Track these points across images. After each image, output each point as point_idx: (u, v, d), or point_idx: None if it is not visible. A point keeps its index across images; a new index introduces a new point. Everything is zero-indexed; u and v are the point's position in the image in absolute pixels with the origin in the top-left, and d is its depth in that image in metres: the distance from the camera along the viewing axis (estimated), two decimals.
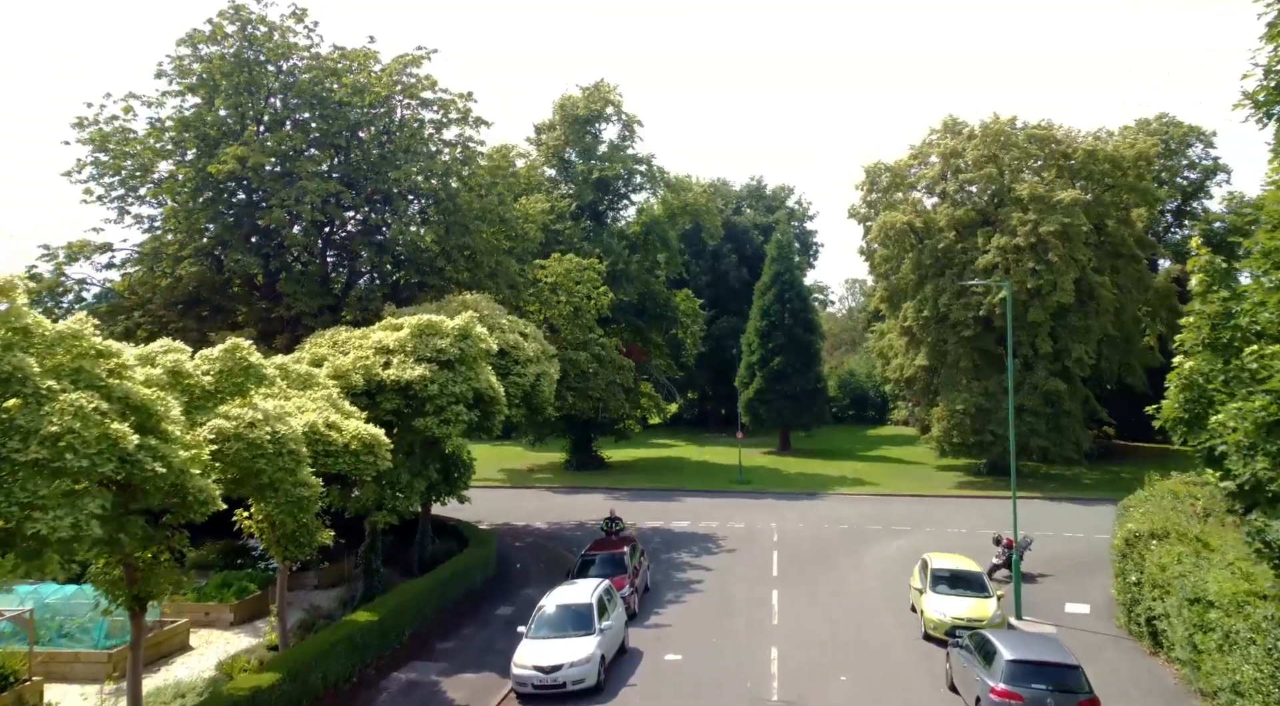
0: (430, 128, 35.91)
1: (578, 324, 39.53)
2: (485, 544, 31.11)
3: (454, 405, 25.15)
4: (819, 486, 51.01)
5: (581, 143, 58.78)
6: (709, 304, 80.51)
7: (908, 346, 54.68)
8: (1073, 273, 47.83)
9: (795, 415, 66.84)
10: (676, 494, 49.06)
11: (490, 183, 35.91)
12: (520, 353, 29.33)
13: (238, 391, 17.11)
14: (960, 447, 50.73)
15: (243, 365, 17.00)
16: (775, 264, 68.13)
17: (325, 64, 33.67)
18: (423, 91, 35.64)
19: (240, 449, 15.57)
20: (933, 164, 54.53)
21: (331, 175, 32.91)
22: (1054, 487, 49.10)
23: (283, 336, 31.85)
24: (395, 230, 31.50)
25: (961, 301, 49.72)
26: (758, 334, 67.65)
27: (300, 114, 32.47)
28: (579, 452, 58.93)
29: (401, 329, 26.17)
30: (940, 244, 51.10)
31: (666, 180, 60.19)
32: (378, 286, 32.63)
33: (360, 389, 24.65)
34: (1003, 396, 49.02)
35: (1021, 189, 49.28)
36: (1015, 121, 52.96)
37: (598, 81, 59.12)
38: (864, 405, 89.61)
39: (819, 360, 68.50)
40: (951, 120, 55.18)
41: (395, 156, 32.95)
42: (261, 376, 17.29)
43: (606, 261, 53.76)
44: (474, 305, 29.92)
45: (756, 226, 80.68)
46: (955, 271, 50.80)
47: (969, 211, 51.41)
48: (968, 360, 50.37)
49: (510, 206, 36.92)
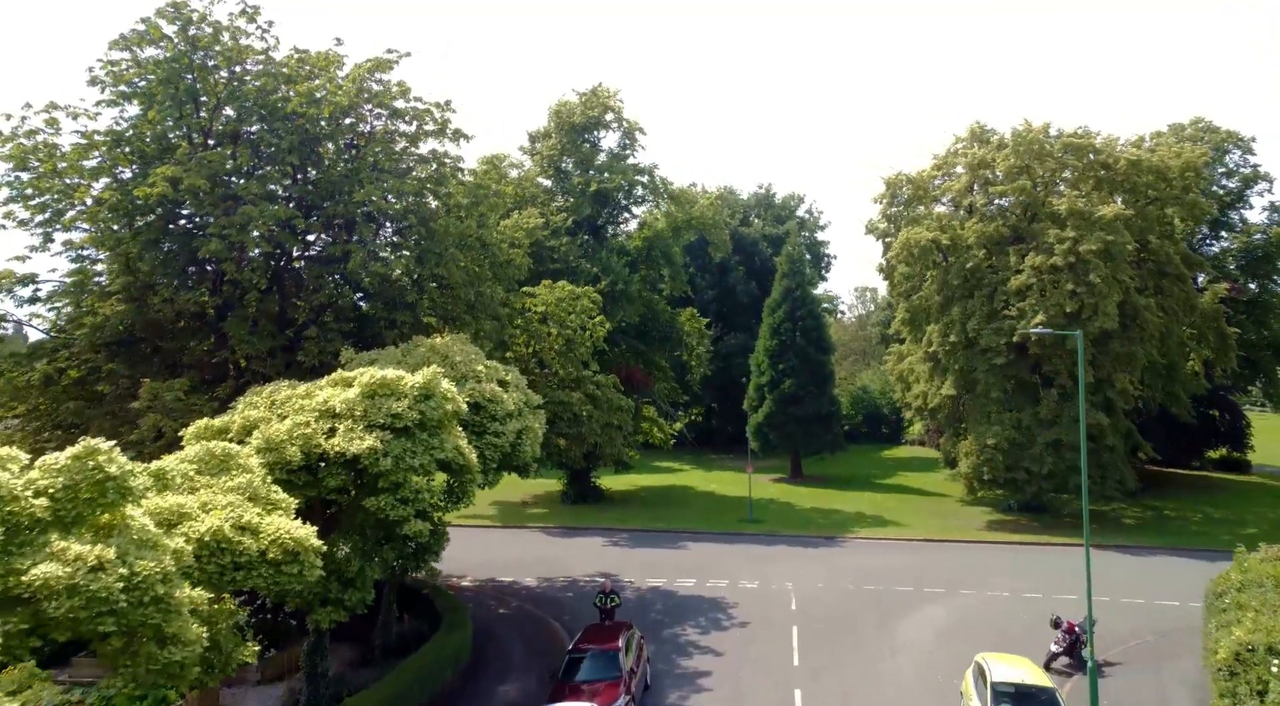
0: (402, 141, 31.39)
1: (570, 358, 35.00)
2: (460, 626, 26.52)
3: (413, 480, 20.62)
4: (836, 527, 46.33)
5: (579, 152, 54.24)
6: (716, 319, 76.04)
7: (932, 373, 50.00)
8: (1116, 295, 43.13)
9: (807, 440, 62.29)
10: (681, 538, 44.43)
11: (471, 203, 31.39)
12: (498, 406, 24.77)
13: (96, 507, 12.61)
14: (991, 485, 46.00)
15: (96, 477, 12.47)
16: (786, 279, 63.59)
17: (278, 70, 29.16)
18: (393, 100, 31.11)
19: (74, 606, 11.08)
20: (959, 175, 49.84)
21: (285, 197, 28.43)
22: (1094, 529, 44.35)
23: (227, 384, 27.35)
24: (357, 260, 26.97)
25: (992, 326, 45.01)
26: (767, 354, 63.10)
27: (248, 127, 27.96)
28: (576, 483, 54.37)
29: (352, 387, 21.66)
30: (968, 263, 46.41)
31: (670, 192, 55.60)
32: (338, 325, 28.13)
33: (298, 464, 20.12)
34: (1038, 429, 44.49)
35: (1059, 203, 44.58)
36: (1049, 129, 48.26)
37: (595, 86, 54.60)
38: (878, 423, 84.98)
39: (832, 381, 63.89)
40: (979, 128, 50.50)
41: (360, 175, 28.43)
42: (126, 490, 12.75)
43: (605, 280, 49.31)
44: (444, 350, 25.40)
45: (765, 238, 76.04)
46: (985, 293, 46.11)
47: (1000, 227, 46.69)
48: (999, 389, 45.66)
49: (493, 230, 32.39)
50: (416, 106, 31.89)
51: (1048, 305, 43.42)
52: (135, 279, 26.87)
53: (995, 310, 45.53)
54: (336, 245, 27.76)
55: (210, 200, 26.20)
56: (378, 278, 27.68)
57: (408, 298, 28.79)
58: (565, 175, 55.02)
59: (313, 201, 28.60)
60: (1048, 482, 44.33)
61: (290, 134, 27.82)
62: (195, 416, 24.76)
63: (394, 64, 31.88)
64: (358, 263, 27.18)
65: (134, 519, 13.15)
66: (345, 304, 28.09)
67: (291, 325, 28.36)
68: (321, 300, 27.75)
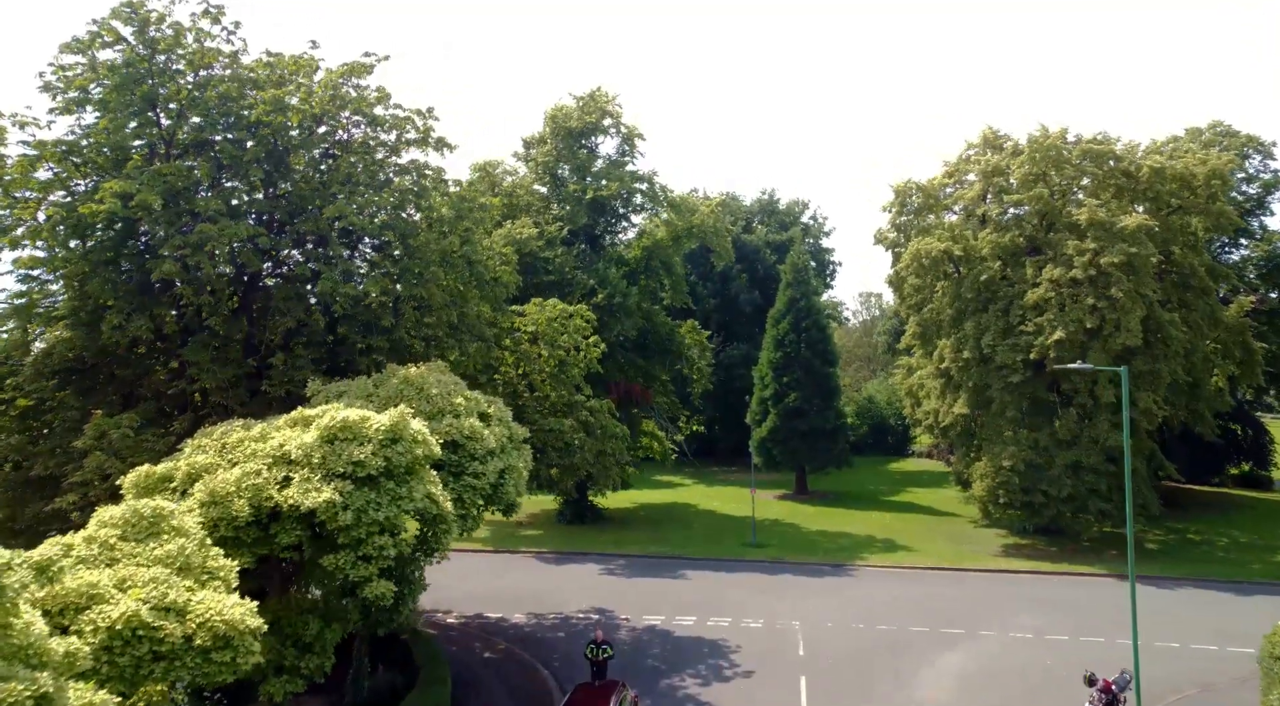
0: (381, 151, 29.05)
1: (562, 381, 32.65)
2: (439, 680, 24.17)
3: (377, 536, 18.29)
4: (844, 553, 43.92)
5: (576, 158, 51.87)
6: (718, 329, 73.71)
7: (944, 389, 47.58)
8: (1139, 310, 40.69)
9: (812, 456, 59.89)
10: (680, 565, 42.04)
11: (455, 217, 29.04)
12: (478, 445, 22.42)
13: None
14: (1007, 509, 43.54)
15: None
16: (790, 289, 61.21)
17: (244, 74, 26.84)
18: (371, 107, 28.77)
19: None
20: (971, 183, 47.45)
21: (251, 213, 26.11)
22: (1116, 557, 41.95)
23: (186, 416, 25.07)
24: (328, 281, 24.64)
25: (1009, 342, 42.59)
26: (771, 366, 60.71)
27: (210, 137, 25.61)
28: (573, 503, 51.99)
29: (312, 428, 19.34)
30: (982, 275, 43.99)
31: (670, 200, 53.20)
32: (309, 351, 25.81)
33: (246, 519, 17.80)
34: (1056, 450, 42.09)
35: (1079, 213, 42.13)
36: (1066, 134, 45.85)
37: (593, 90, 52.23)
38: (884, 434, 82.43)
39: (838, 395, 61.44)
40: (991, 134, 48.10)
41: (333, 188, 26.11)
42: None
43: (602, 293, 47.00)
44: (418, 382, 23.06)
45: (769, 245, 73.62)
46: (1000, 306, 43.70)
47: (1015, 238, 44.26)
48: (1015, 408, 43.24)
49: (479, 246, 30.03)
50: (396, 114, 29.58)
51: (1067, 321, 41.03)
52: (85, 303, 24.55)
53: (1011, 325, 43.14)
54: (306, 265, 25.42)
55: (166, 217, 23.88)
56: (351, 300, 25.33)
57: (384, 321, 26.45)
58: (561, 182, 52.67)
59: (282, 217, 26.28)
60: (1066, 506, 41.89)
61: (257, 144, 25.51)
62: (147, 455, 22.53)
63: (371, 68, 29.56)
64: (329, 285, 24.86)
65: (15, 621, 10.83)
66: (316, 328, 25.74)
67: (258, 351, 26.04)
68: (290, 325, 25.41)
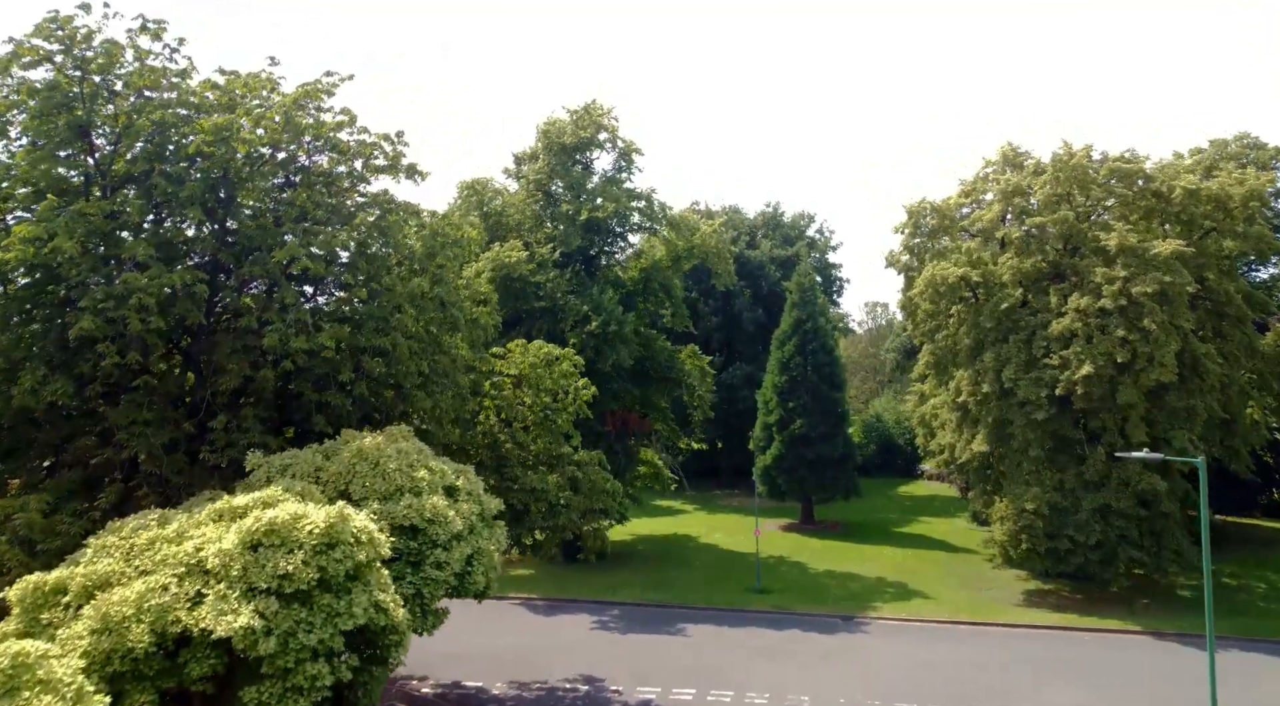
0: (347, 180, 25.93)
1: (548, 430, 29.50)
2: None
3: (308, 663, 15.15)
4: (855, 600, 40.66)
5: (569, 175, 48.70)
6: (720, 348, 70.52)
7: (960, 423, 44.28)
8: (1174, 343, 37.41)
9: (819, 486, 56.68)
10: (679, 617, 38.79)
11: (426, 254, 25.89)
12: (442, 528, 19.29)
13: None
14: (1029, 555, 40.21)
15: None
16: (796, 310, 58.02)
17: (189, 97, 23.73)
18: (332, 132, 25.66)
19: None
20: (990, 203, 44.16)
21: (192, 256, 22.99)
22: (1150, 609, 38.73)
23: (113, 488, 21.95)
24: (276, 334, 21.52)
25: (1031, 376, 39.28)
26: (776, 391, 57.53)
27: (145, 169, 22.49)
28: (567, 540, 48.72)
29: (242, 520, 16.20)
30: (1003, 303, 40.71)
31: (670, 219, 50.03)
32: (257, 411, 22.70)
33: (147, 648, 14.67)
34: (1083, 492, 38.82)
35: (1108, 239, 38.84)
36: (1091, 152, 42.58)
37: (588, 103, 49.07)
38: (892, 454, 79.13)
39: (847, 421, 58.23)
40: (1011, 151, 44.83)
41: (285, 227, 22.99)
42: None
43: (597, 321, 43.81)
44: (374, 455, 19.94)
45: (773, 261, 70.37)
46: (1022, 337, 40.39)
47: (1038, 263, 41.00)
48: (1039, 447, 39.91)
49: (454, 286, 26.86)
50: (363, 139, 26.48)
51: (1095, 354, 37.73)
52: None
53: (1034, 357, 39.84)
54: (252, 315, 22.29)
55: (88, 264, 20.77)
56: (303, 354, 22.20)
57: (342, 375, 23.30)
58: (554, 200, 49.50)
59: (229, 260, 23.14)
60: (1094, 554, 38.55)
61: (199, 178, 22.38)
62: (61, 540, 19.42)
63: (334, 89, 26.47)
64: (277, 338, 21.71)
65: None
66: (266, 385, 22.60)
67: (200, 412, 22.90)
68: (234, 383, 22.28)
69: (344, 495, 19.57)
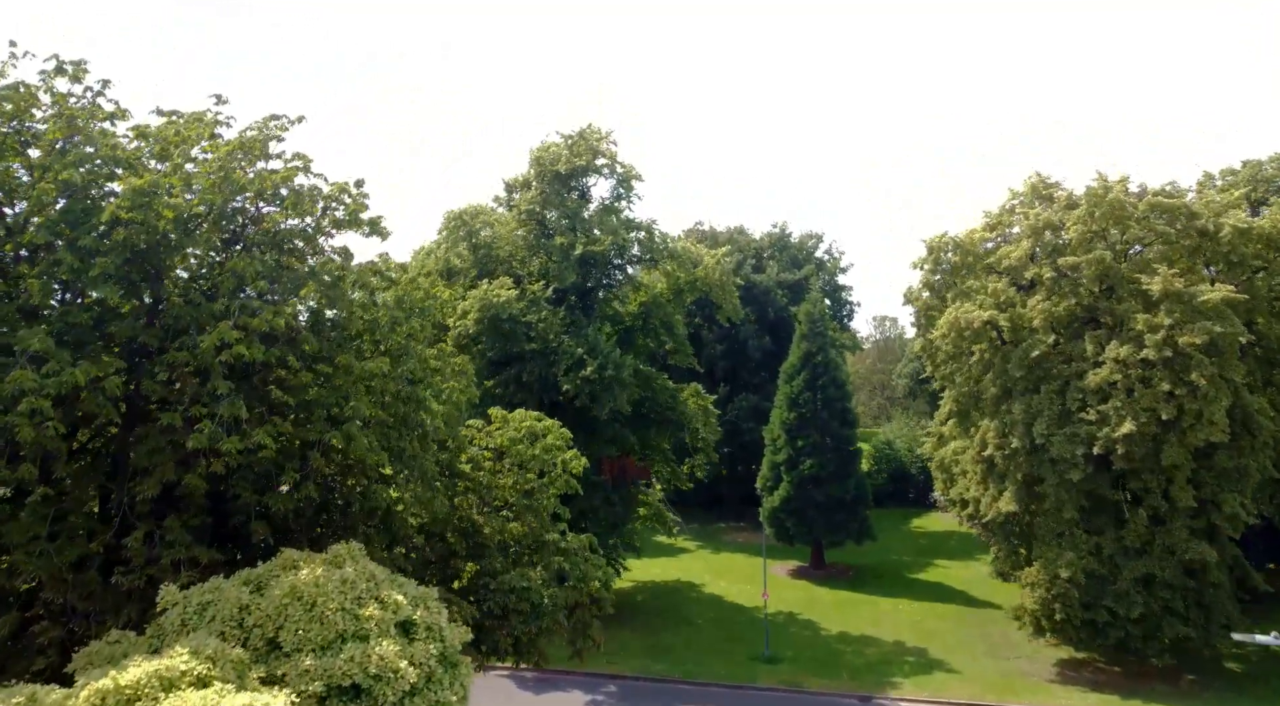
0: (297, 238, 22.36)
1: (532, 509, 25.99)
2: None
3: None
4: (872, 673, 37.10)
5: (564, 204, 45.14)
6: (725, 378, 66.89)
7: (985, 477, 40.63)
8: (1224, 398, 33.79)
9: (829, 529, 53.08)
10: (681, 695, 35.31)
11: (390, 325, 22.33)
12: (391, 686, 15.75)
13: None
14: (1064, 627, 36.57)
15: None
16: (805, 342, 54.46)
17: (109, 151, 20.23)
18: (284, 182, 22.09)
19: None
20: (1017, 239, 40.52)
21: (104, 340, 19.47)
22: (1196, 686, 35.13)
23: (9, 617, 18.46)
24: (202, 435, 18.02)
25: (1066, 431, 35.65)
26: (784, 427, 53.99)
27: (44, 240, 18.97)
28: None
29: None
30: (1033, 350, 37.05)
31: (671, 250, 46.48)
32: (186, 519, 19.20)
33: None
34: (1123, 559, 35.27)
35: (1151, 283, 35.21)
36: (1128, 183, 38.95)
37: (583, 128, 45.49)
38: (904, 483, 75.34)
39: (859, 460, 54.64)
40: (1040, 182, 41.18)
41: (216, 304, 19.46)
42: None
43: (592, 365, 40.27)
44: (311, 594, 16.39)
45: (781, 285, 66.70)
46: (1055, 387, 36.77)
47: (1072, 306, 37.36)
48: (1073, 508, 36.27)
49: (424, 359, 23.27)
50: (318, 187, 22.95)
51: (1137, 410, 34.15)
52: None
53: (1068, 410, 36.23)
54: (176, 411, 18.74)
55: None
56: (237, 455, 18.68)
57: (285, 478, 19.78)
58: (548, 231, 45.95)
59: (152, 343, 19.62)
60: (1136, 628, 34.95)
61: (116, 249, 18.88)
62: None
63: (281, 134, 22.98)
64: (203, 439, 18.20)
65: None
66: (196, 489, 19.07)
67: (113, 522, 19.38)
68: (152, 490, 18.76)
69: (273, 645, 16.12)
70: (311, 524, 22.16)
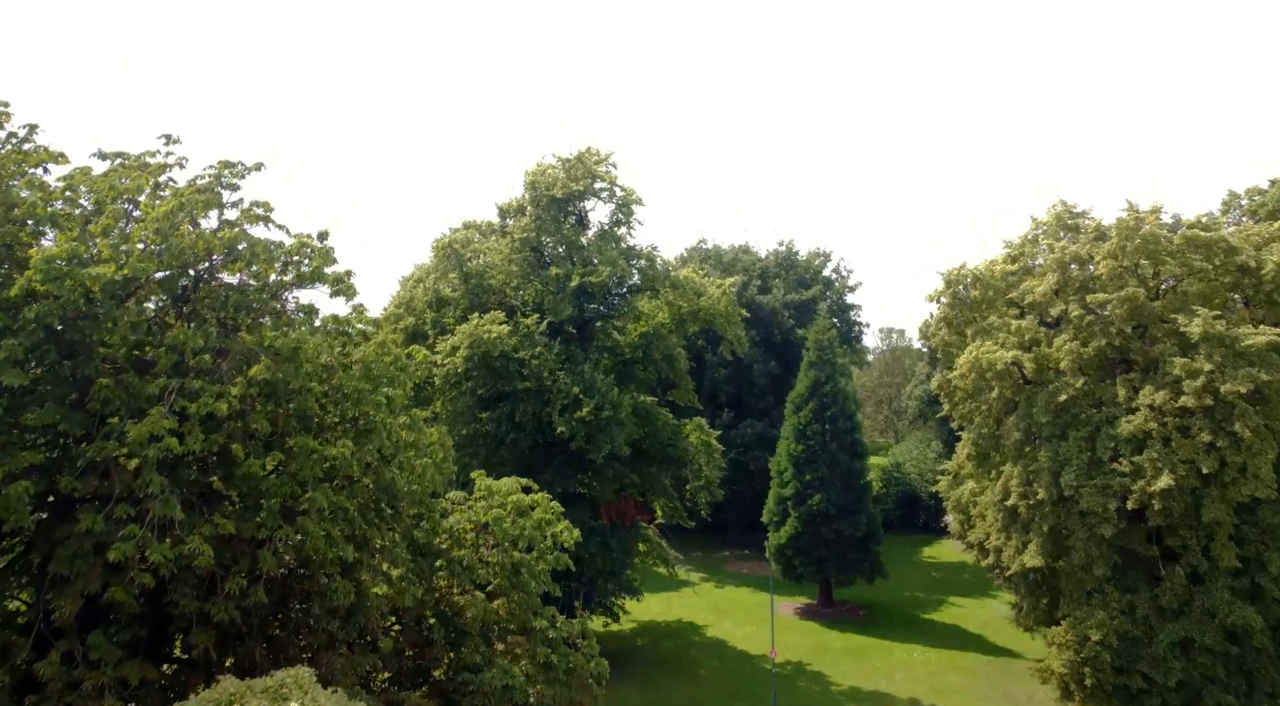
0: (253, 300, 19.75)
1: (518, 587, 23.41)
2: None
3: None
4: None
5: (560, 231, 42.52)
6: (729, 403, 64.23)
7: (1006, 527, 37.92)
8: (1270, 450, 31.09)
9: (839, 567, 50.48)
10: None
11: (355, 400, 19.70)
12: None
13: None
14: (1095, 693, 33.88)
15: None
16: (813, 370, 51.85)
17: (26, 208, 17.71)
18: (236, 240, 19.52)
19: None
20: (1041, 271, 37.82)
21: (11, 428, 16.90)
22: None
23: None
24: (126, 545, 15.50)
25: (1096, 482, 32.94)
26: (791, 460, 51.36)
27: None
28: None
29: None
30: (1060, 394, 34.37)
31: (674, 280, 43.86)
32: (117, 634, 16.68)
33: None
34: (1159, 620, 32.57)
35: (1190, 326, 32.51)
36: (1160, 213, 36.30)
37: (582, 151, 42.86)
38: (913, 508, 72.55)
39: (869, 494, 51.98)
40: (1065, 211, 38.49)
41: (148, 388, 16.90)
42: None
43: (589, 406, 37.67)
44: None
45: (787, 307, 63.97)
46: (1084, 434, 34.03)
47: (1101, 346, 34.67)
48: (1104, 564, 33.55)
49: (393, 430, 20.69)
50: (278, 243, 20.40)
51: (1175, 462, 31.45)
52: None
53: (1098, 459, 33.51)
54: (95, 514, 16.18)
55: None
56: (169, 564, 16.14)
57: (229, 583, 17.20)
58: (543, 257, 43.35)
59: (76, 432, 17.06)
60: (1174, 696, 32.27)
61: (26, 328, 16.35)
62: None
63: (236, 181, 20.47)
64: (128, 548, 15.68)
65: None
66: (128, 599, 16.54)
67: (37, 638, 16.82)
68: (72, 606, 16.21)
69: None
70: (266, 623, 19.56)
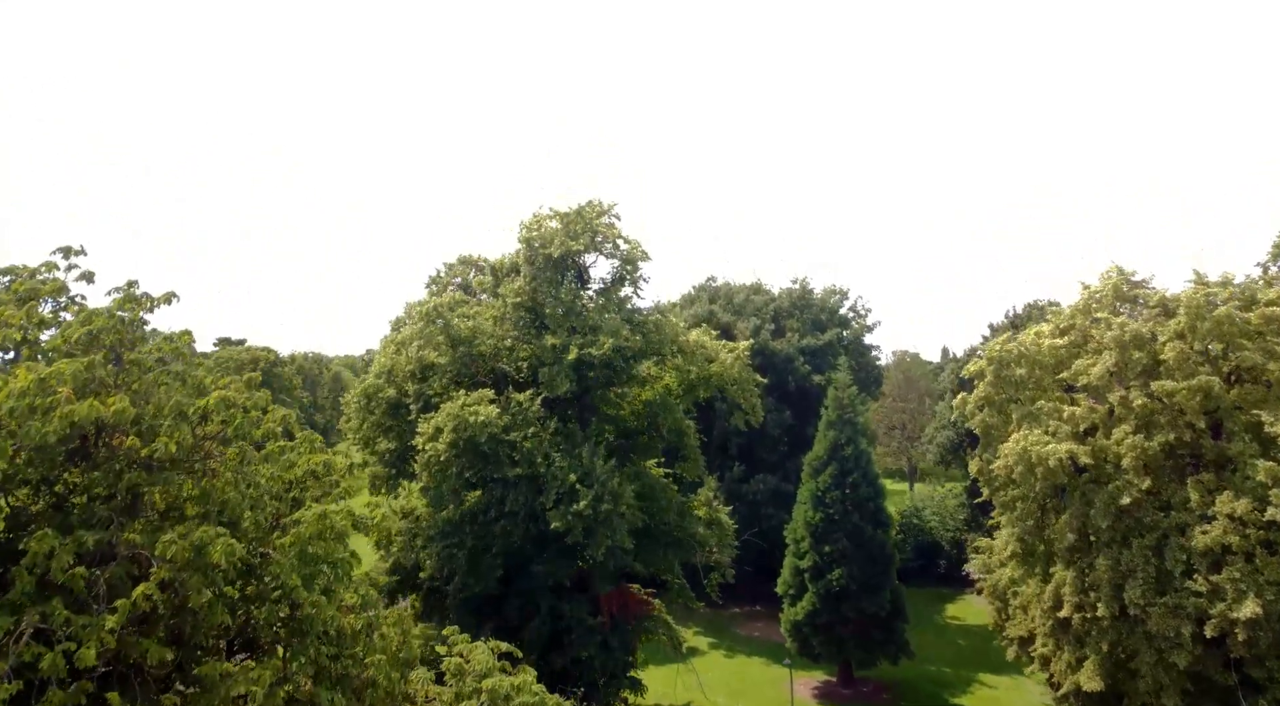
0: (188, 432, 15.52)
1: None
2: None
3: None
4: None
5: (557, 293, 38.24)
6: (740, 456, 59.92)
7: (1056, 637, 33.58)
8: None
9: (861, 647, 46.25)
10: None
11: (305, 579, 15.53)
12: None
13: None
14: None
15: None
16: (832, 430, 47.61)
17: None
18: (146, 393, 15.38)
19: None
20: (1095, 348, 33.52)
21: None
22: None
23: None
24: None
25: (1167, 601, 28.73)
26: (809, 529, 47.13)
27: None
28: None
29: None
30: (1123, 496, 30.09)
31: (682, 346, 39.57)
32: None
33: None
34: None
35: (1275, 423, 28.20)
36: (1232, 283, 31.99)
37: (582, 206, 38.54)
38: (933, 557, 68.14)
39: (894, 566, 47.60)
40: (1122, 279, 34.14)
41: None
42: None
43: (586, 497, 33.43)
44: None
45: (803, 352, 59.58)
46: (1150, 542, 29.79)
47: (1170, 441, 30.35)
48: (1175, 693, 29.31)
49: (337, 625, 16.52)
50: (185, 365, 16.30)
51: (1261, 583, 27.21)
52: None
53: (1167, 572, 29.24)
54: None
55: None
56: None
57: None
58: (539, 321, 39.08)
59: None
60: None
61: None
62: None
63: (141, 315, 16.38)
64: None
65: None
66: None
67: None
68: None
69: None
70: None
